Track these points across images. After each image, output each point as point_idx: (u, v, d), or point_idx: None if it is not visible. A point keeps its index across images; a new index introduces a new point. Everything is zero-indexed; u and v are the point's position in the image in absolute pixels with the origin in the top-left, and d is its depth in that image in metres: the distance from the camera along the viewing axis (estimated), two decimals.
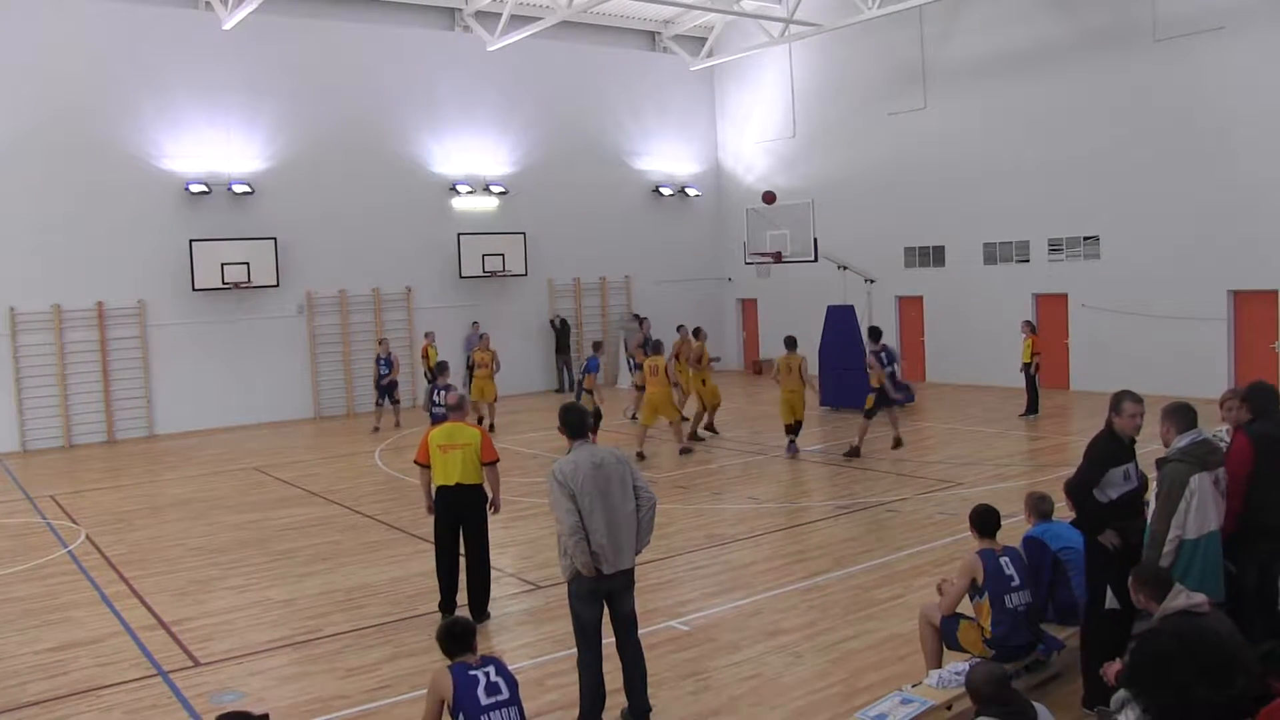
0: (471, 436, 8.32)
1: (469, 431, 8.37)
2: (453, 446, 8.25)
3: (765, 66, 26.80)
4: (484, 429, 9.98)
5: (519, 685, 5.18)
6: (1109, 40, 19.72)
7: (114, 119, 19.97)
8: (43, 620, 8.89)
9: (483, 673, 5.02)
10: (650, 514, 6.17)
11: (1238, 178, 18.09)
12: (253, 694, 7.00)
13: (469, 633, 5.23)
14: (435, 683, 5.05)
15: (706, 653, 7.43)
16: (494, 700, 4.96)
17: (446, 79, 23.76)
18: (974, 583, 6.25)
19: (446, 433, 8.36)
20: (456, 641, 5.19)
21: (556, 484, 5.97)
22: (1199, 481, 5.50)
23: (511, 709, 5.01)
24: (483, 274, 24.03)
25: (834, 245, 20.86)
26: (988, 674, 4.85)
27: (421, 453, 8.47)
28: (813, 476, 14.11)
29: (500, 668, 5.12)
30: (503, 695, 4.99)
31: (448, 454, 8.24)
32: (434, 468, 8.33)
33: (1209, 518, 5.51)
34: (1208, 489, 5.52)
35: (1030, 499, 7.04)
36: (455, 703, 4.93)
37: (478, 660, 5.12)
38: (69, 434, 19.68)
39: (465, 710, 4.90)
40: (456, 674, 5.00)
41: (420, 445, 8.52)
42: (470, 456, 8.23)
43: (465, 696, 4.92)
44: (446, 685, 4.97)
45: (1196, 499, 5.48)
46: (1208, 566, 5.50)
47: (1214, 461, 5.65)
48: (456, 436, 8.31)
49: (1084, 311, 20.50)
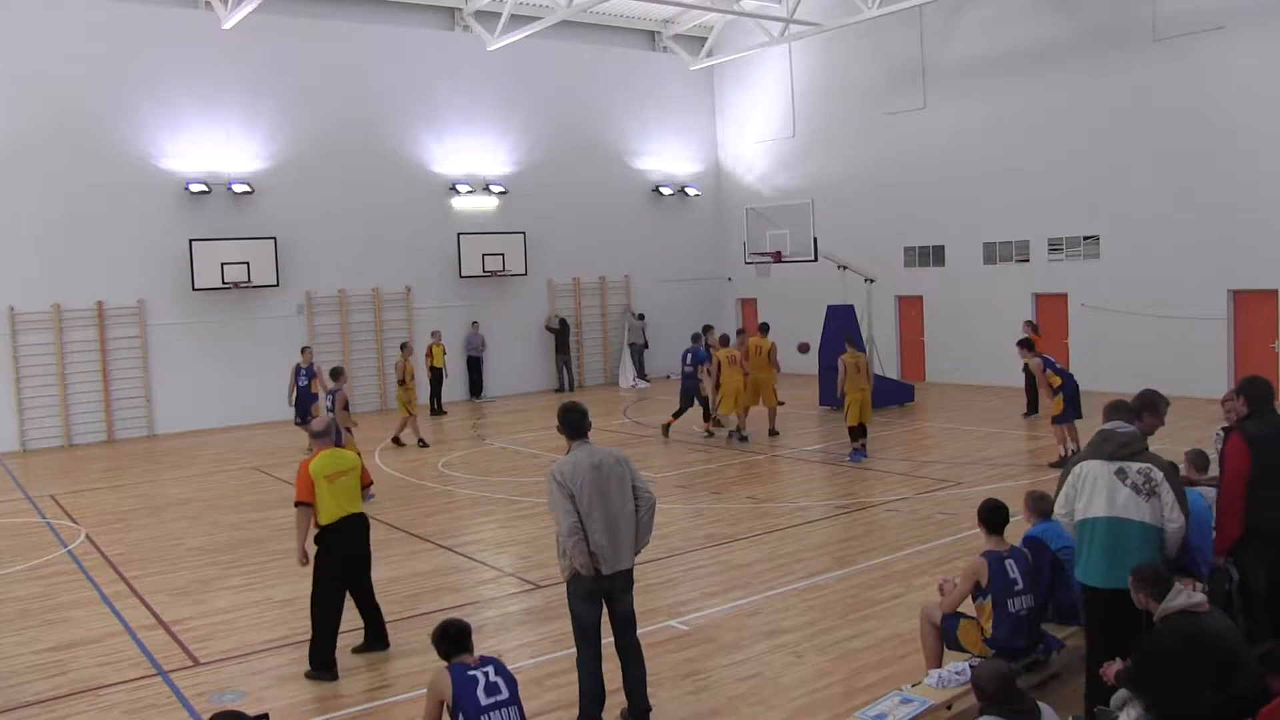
0: (354, 461, 7.60)
1: (350, 455, 7.69)
2: (340, 474, 7.40)
3: (765, 66, 26.80)
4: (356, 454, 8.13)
5: (519, 684, 5.18)
6: (1109, 40, 19.72)
7: (114, 119, 19.97)
8: (42, 620, 8.89)
9: (482, 673, 5.02)
10: (649, 514, 6.16)
11: (1238, 177, 18.09)
12: (252, 693, 7.00)
13: (464, 633, 5.22)
14: (435, 683, 5.05)
15: (706, 652, 7.43)
16: (494, 700, 4.96)
17: (446, 79, 23.76)
18: (977, 584, 6.24)
19: (330, 460, 7.42)
20: (452, 643, 5.19)
21: (555, 484, 5.95)
22: (1090, 470, 5.66)
23: (511, 709, 5.01)
24: (483, 274, 24.03)
25: (834, 245, 20.87)
26: (994, 672, 4.84)
27: (304, 489, 7.26)
28: (812, 476, 14.11)
29: (500, 667, 5.12)
30: (502, 695, 4.99)
31: (336, 483, 7.35)
32: (321, 502, 7.29)
33: (1092, 503, 5.61)
34: (1098, 476, 5.61)
35: (1030, 498, 7.03)
36: (455, 703, 4.92)
37: (476, 660, 5.11)
38: (69, 433, 19.68)
39: (465, 710, 4.90)
40: (455, 674, 5.00)
41: (300, 481, 7.30)
42: (354, 483, 7.50)
43: (465, 697, 4.92)
44: (446, 685, 4.97)
45: (1083, 485, 5.67)
46: (1094, 550, 5.62)
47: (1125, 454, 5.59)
48: (341, 461, 7.48)
49: (1084, 311, 20.50)
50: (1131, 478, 5.53)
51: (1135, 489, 5.51)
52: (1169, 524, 5.50)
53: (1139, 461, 5.55)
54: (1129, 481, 5.53)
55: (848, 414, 14.78)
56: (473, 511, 12.69)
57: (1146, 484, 5.50)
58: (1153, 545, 5.50)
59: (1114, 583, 5.48)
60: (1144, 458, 5.58)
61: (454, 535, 11.46)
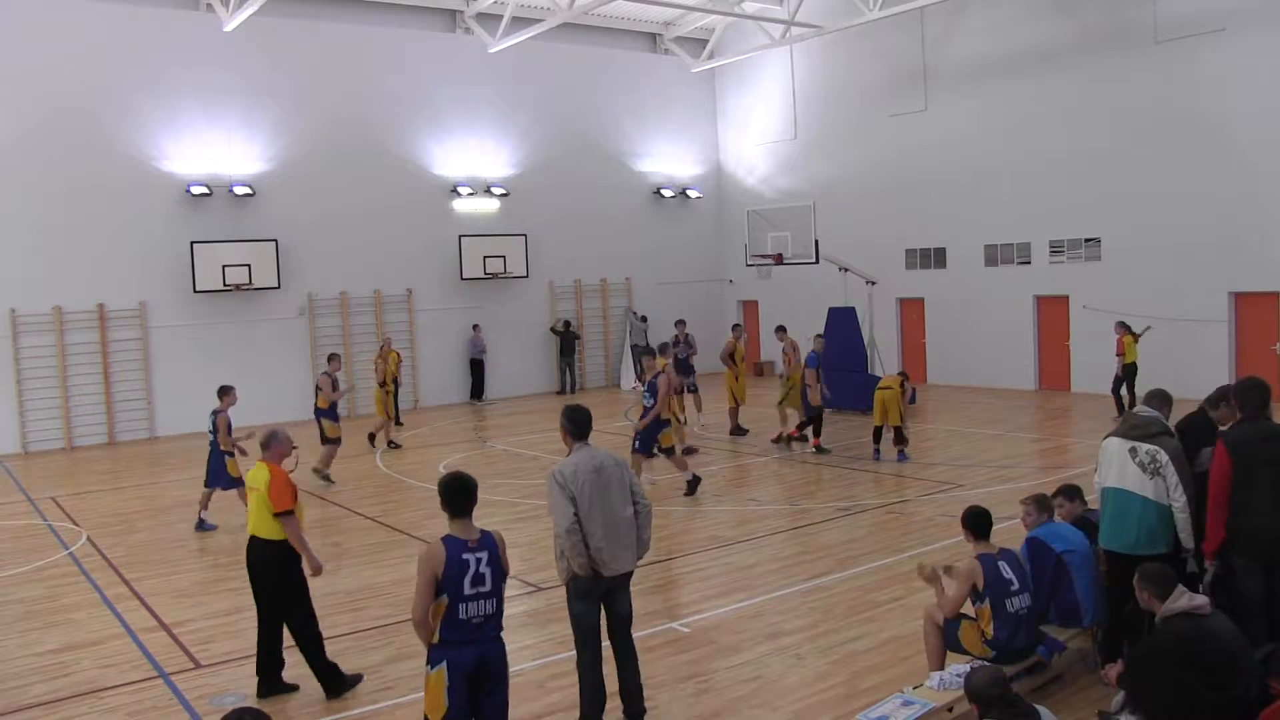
0: (262, 479, 6.94)
1: (263, 473, 6.99)
2: (252, 489, 7.03)
3: (766, 68, 26.82)
4: (278, 468, 7.09)
5: (506, 576, 5.13)
6: (1110, 42, 19.72)
7: (115, 121, 19.99)
8: (44, 622, 8.90)
9: (475, 558, 4.98)
10: (646, 517, 6.17)
11: (1239, 180, 18.09)
12: (254, 696, 7.00)
13: (470, 490, 5.10)
14: (430, 554, 4.97)
15: (707, 654, 7.42)
16: (476, 591, 4.96)
17: (448, 81, 23.78)
18: (974, 588, 6.24)
19: (251, 474, 7.12)
20: (455, 499, 5.09)
21: (556, 486, 5.95)
22: (1110, 444, 6.37)
23: (490, 601, 5.01)
24: (484, 276, 24.04)
25: (835, 247, 20.86)
26: (990, 678, 4.84)
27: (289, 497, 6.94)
28: (814, 478, 14.10)
29: (492, 555, 5.06)
30: (485, 587, 4.99)
31: (249, 498, 7.10)
32: None
33: (1109, 474, 6.31)
34: (1115, 451, 6.29)
35: (1031, 500, 7.03)
36: (443, 580, 4.91)
37: (476, 540, 5.05)
38: (70, 435, 19.69)
39: (449, 593, 4.91)
40: (451, 551, 4.95)
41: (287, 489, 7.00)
42: (259, 504, 6.92)
43: (453, 579, 4.91)
44: (440, 560, 4.93)
45: (1105, 457, 6.39)
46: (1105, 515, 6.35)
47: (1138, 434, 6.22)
48: (254, 478, 7.03)
49: (1085, 313, 20.49)
50: (1140, 456, 6.14)
51: (1142, 467, 6.12)
52: (1173, 503, 6.06)
53: (1149, 443, 6.13)
54: (1138, 459, 6.14)
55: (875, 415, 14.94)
56: (474, 514, 12.66)
57: (1152, 464, 6.09)
58: (1152, 518, 6.09)
59: (1115, 545, 6.27)
60: (1156, 440, 6.14)
61: None
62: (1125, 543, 6.17)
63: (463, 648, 4.94)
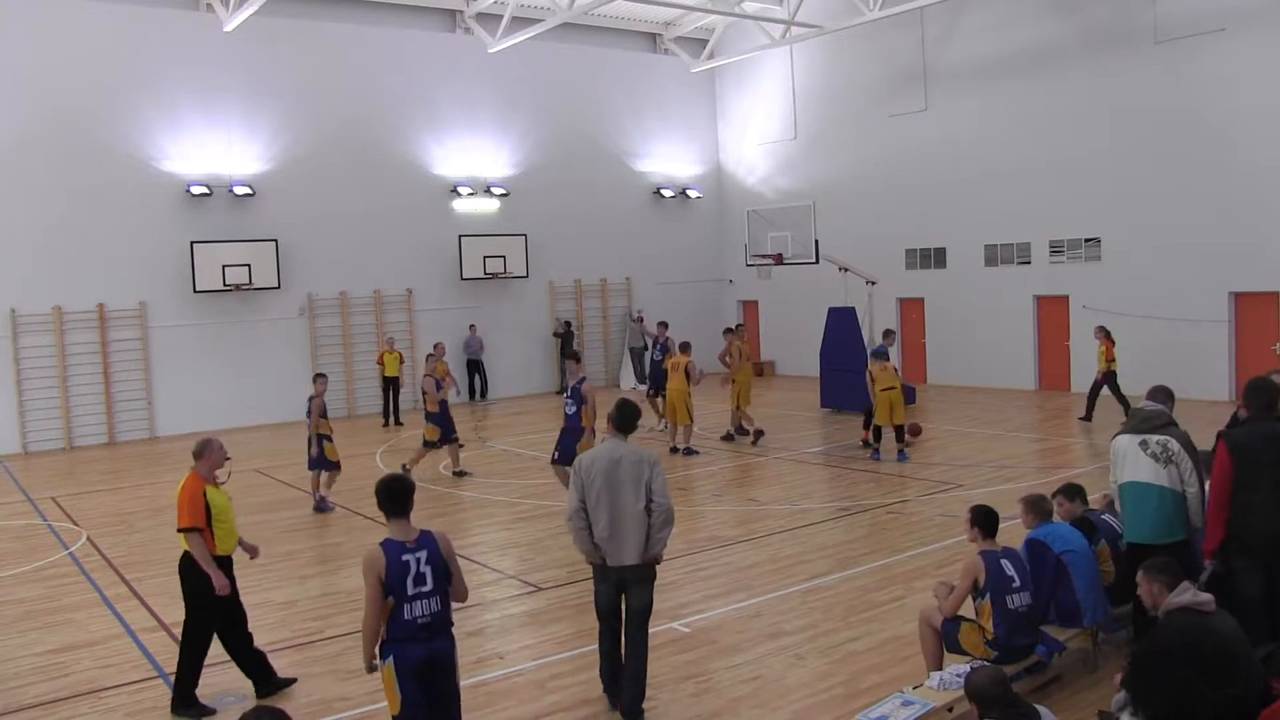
0: (178, 490, 6.88)
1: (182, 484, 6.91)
2: None
3: (766, 68, 26.81)
4: (194, 481, 6.97)
5: (450, 576, 5.14)
6: (1110, 42, 19.72)
7: (115, 121, 19.98)
8: (44, 622, 8.90)
9: (415, 559, 5.02)
10: (661, 519, 6.19)
11: (1239, 180, 18.09)
12: (253, 696, 7.00)
13: (405, 493, 5.15)
14: (370, 560, 5.02)
15: (707, 654, 7.43)
16: (419, 590, 5.00)
17: (447, 81, 23.77)
18: (975, 583, 6.25)
19: None
20: (392, 500, 5.14)
21: (574, 473, 6.29)
22: (1120, 442, 6.59)
23: (433, 599, 5.04)
24: (484, 276, 24.04)
25: (835, 247, 20.85)
26: (990, 677, 4.84)
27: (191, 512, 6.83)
28: (814, 478, 14.10)
29: (432, 553, 5.08)
30: (426, 586, 5.02)
31: None
32: None
33: (1124, 470, 6.53)
34: (1126, 448, 6.52)
35: (1029, 501, 7.03)
36: (387, 583, 4.96)
37: (414, 540, 5.08)
38: (70, 436, 19.69)
39: (394, 594, 4.97)
40: (390, 555, 5.00)
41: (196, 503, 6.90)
42: None
43: (395, 582, 4.97)
44: (380, 564, 4.98)
45: (1117, 455, 6.61)
46: (1125, 510, 6.57)
47: (1147, 427, 6.48)
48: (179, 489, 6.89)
49: (1085, 313, 20.48)
50: (1152, 448, 6.39)
51: (1154, 457, 6.36)
52: (1187, 489, 6.31)
53: (1159, 435, 6.40)
54: (1149, 451, 6.39)
55: (878, 414, 14.75)
56: (474, 514, 12.70)
57: (1164, 453, 6.34)
58: (1169, 506, 6.32)
59: (1137, 537, 6.47)
60: (1165, 431, 6.41)
61: (455, 538, 11.27)
62: (1146, 533, 6.35)
63: (409, 644, 5.00)
